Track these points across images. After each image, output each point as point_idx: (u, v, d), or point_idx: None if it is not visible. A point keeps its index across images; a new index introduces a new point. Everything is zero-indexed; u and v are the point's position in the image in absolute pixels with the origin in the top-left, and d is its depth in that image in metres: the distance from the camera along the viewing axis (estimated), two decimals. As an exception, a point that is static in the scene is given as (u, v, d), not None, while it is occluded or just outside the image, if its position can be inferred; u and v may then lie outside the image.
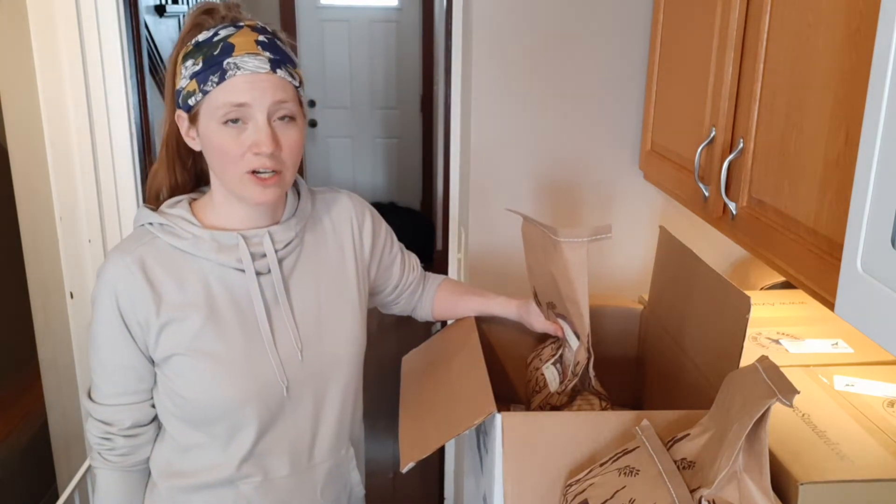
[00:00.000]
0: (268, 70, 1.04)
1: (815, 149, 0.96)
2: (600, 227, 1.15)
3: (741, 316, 1.08)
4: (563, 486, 1.07)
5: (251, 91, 1.03)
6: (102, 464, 1.18)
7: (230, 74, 1.03)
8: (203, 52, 1.05)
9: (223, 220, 1.13)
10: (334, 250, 1.22)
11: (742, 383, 0.93)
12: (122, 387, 1.14)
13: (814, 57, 0.97)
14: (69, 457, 2.14)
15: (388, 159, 5.32)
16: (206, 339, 1.10)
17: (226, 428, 1.13)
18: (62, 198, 1.94)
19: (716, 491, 0.86)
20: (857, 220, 0.71)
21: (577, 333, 1.23)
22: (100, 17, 1.83)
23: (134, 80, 1.91)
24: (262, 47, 1.05)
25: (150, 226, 1.12)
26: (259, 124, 1.04)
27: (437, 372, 1.34)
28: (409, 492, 2.97)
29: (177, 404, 1.13)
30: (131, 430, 1.16)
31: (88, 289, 1.99)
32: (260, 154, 1.04)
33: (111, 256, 1.12)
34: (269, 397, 1.13)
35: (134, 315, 1.09)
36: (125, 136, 1.91)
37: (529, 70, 1.69)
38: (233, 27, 1.06)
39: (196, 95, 1.05)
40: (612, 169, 1.75)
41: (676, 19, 1.49)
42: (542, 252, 1.24)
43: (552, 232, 1.18)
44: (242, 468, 1.15)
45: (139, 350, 1.12)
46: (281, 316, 1.14)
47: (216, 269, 1.11)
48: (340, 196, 1.28)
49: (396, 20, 5.02)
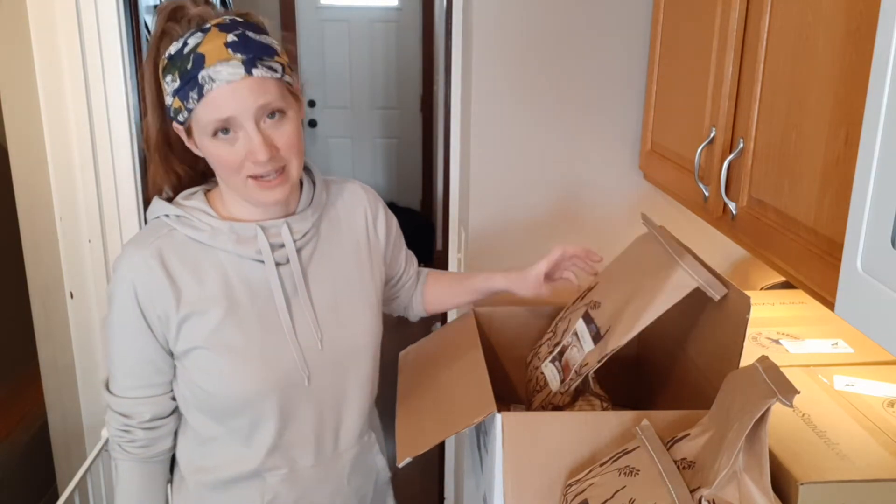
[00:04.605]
0: (243, 75, 1.00)
1: (815, 149, 0.96)
2: (717, 288, 1.13)
3: (741, 316, 1.08)
4: (563, 486, 1.07)
5: (231, 102, 1.01)
6: (122, 455, 1.17)
7: (207, 89, 1.00)
8: (178, 67, 1.02)
9: (240, 212, 1.13)
10: (349, 239, 1.23)
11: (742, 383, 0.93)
12: (142, 380, 1.13)
13: (814, 57, 0.97)
14: (69, 457, 2.14)
15: (388, 159, 5.32)
16: (226, 332, 1.10)
17: (247, 420, 1.14)
18: (62, 198, 1.94)
19: (716, 491, 0.86)
20: (857, 220, 0.71)
21: (598, 338, 1.21)
22: (100, 17, 1.83)
23: (134, 80, 1.90)
24: (232, 49, 1.01)
25: (167, 217, 1.12)
26: (249, 133, 1.02)
27: (436, 369, 1.34)
28: (409, 492, 2.97)
29: (197, 396, 1.14)
30: (151, 423, 1.16)
31: (88, 289, 1.99)
32: (256, 161, 1.03)
33: (128, 250, 1.11)
34: (290, 388, 1.13)
35: (153, 309, 1.09)
36: (125, 136, 1.91)
37: (529, 70, 1.68)
38: (200, 32, 1.02)
39: (183, 113, 1.04)
40: (612, 169, 1.75)
41: (676, 19, 1.49)
42: (650, 262, 1.23)
43: (677, 253, 1.18)
44: (268, 460, 1.16)
45: (158, 343, 1.12)
46: (300, 306, 1.15)
47: (234, 261, 1.11)
48: (354, 186, 1.28)
49: (396, 20, 5.02)
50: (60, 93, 1.87)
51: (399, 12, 5.01)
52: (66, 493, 1.73)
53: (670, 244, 1.22)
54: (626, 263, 1.31)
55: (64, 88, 1.86)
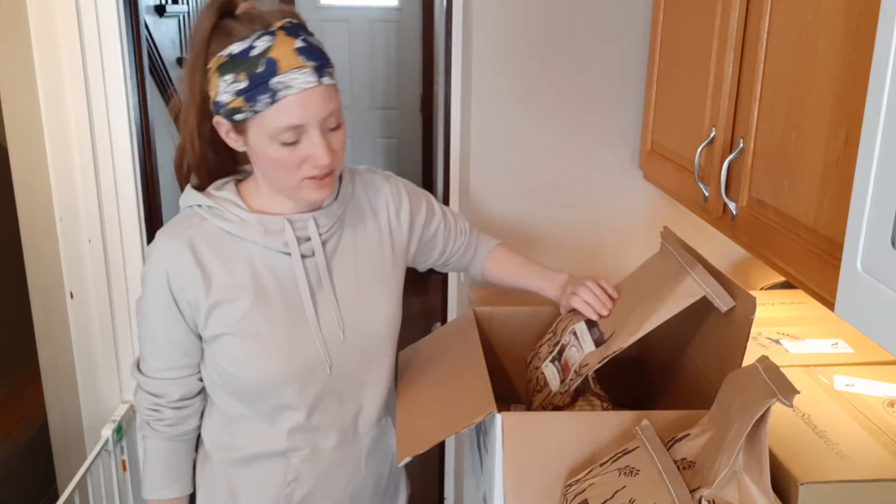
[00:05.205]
0: (315, 83, 1.04)
1: (814, 149, 0.96)
2: (725, 299, 1.13)
3: (746, 316, 1.08)
4: (563, 486, 1.07)
5: (304, 111, 1.04)
6: (151, 433, 1.23)
7: (281, 95, 1.03)
8: (244, 68, 1.03)
9: (270, 205, 1.17)
10: (373, 231, 1.26)
11: (742, 383, 0.93)
12: (170, 361, 1.19)
13: (814, 57, 0.97)
14: (69, 457, 2.14)
15: (388, 159, 5.32)
16: (253, 320, 1.14)
17: (272, 403, 1.19)
18: (62, 198, 1.94)
19: (716, 491, 0.86)
20: (857, 220, 0.71)
21: (602, 341, 1.21)
22: (100, 17, 1.83)
23: (134, 80, 1.90)
24: (304, 56, 1.04)
25: (199, 208, 1.16)
26: (314, 139, 1.06)
27: (437, 368, 1.34)
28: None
29: (224, 379, 1.19)
30: (179, 403, 1.21)
31: (88, 289, 1.99)
32: (317, 166, 1.08)
33: (161, 238, 1.15)
34: (313, 375, 1.18)
35: (184, 295, 1.14)
36: (125, 136, 1.91)
37: (529, 70, 1.68)
38: (267, 35, 1.04)
39: (245, 112, 1.05)
40: (613, 169, 1.75)
41: (676, 19, 1.49)
42: (660, 275, 1.25)
43: (689, 263, 1.20)
44: (291, 441, 1.21)
45: (188, 327, 1.17)
46: (324, 297, 1.19)
47: (262, 252, 1.16)
48: (378, 178, 1.31)
49: (396, 20, 5.02)
50: (60, 93, 1.86)
51: (399, 12, 5.01)
52: (66, 493, 1.74)
53: (683, 256, 1.23)
54: (635, 280, 1.32)
55: (64, 88, 1.86)
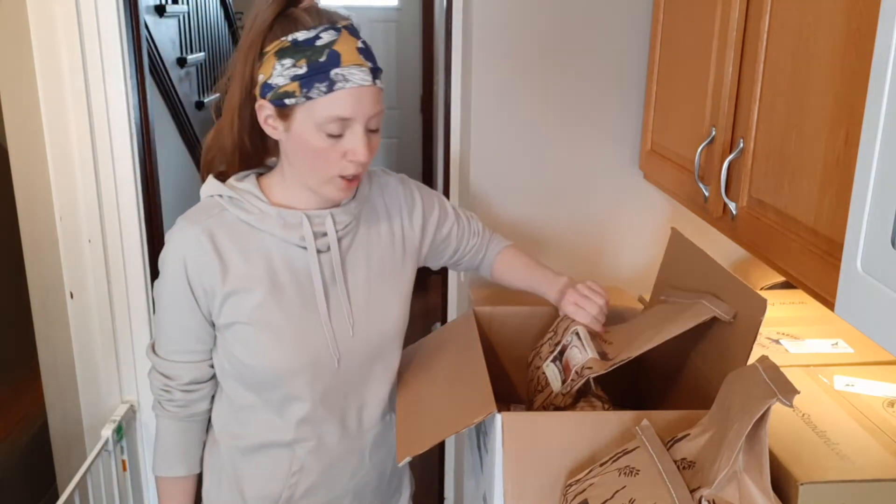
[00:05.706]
0: (370, 82, 1.08)
1: (814, 149, 0.96)
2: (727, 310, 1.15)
3: (754, 317, 1.08)
4: (563, 486, 1.07)
5: (356, 105, 1.08)
6: (161, 412, 1.27)
7: (339, 87, 1.06)
8: (306, 55, 1.06)
9: (289, 199, 1.19)
10: (386, 232, 1.29)
11: (742, 383, 0.93)
12: (183, 345, 1.22)
13: (814, 57, 0.97)
14: (69, 457, 2.14)
15: (388, 159, 5.31)
16: (267, 311, 1.16)
17: (280, 394, 1.21)
18: (62, 198, 1.94)
19: (716, 491, 0.86)
20: (857, 220, 0.71)
21: (606, 352, 1.22)
22: (100, 17, 1.83)
23: (134, 80, 1.90)
24: (363, 56, 1.09)
25: (220, 198, 1.18)
26: (357, 135, 1.09)
27: (437, 368, 1.34)
28: (409, 492, 2.96)
29: (235, 367, 1.21)
30: (189, 386, 1.24)
31: (88, 289, 1.99)
32: (354, 161, 1.10)
33: (181, 224, 1.17)
34: (321, 368, 1.20)
35: (200, 282, 1.16)
36: (125, 136, 1.91)
37: (529, 70, 1.68)
38: (333, 30, 1.08)
39: (297, 98, 1.07)
40: (613, 169, 1.75)
41: (676, 19, 1.49)
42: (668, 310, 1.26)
43: (699, 296, 1.21)
44: (299, 432, 1.23)
45: (202, 314, 1.19)
46: (337, 293, 1.21)
47: (279, 245, 1.17)
48: (393, 181, 1.33)
49: (396, 20, 5.02)
50: (60, 93, 1.86)
51: (399, 12, 5.01)
52: (66, 493, 1.74)
53: (687, 297, 1.24)
54: (640, 319, 1.34)
55: (64, 88, 1.86)
